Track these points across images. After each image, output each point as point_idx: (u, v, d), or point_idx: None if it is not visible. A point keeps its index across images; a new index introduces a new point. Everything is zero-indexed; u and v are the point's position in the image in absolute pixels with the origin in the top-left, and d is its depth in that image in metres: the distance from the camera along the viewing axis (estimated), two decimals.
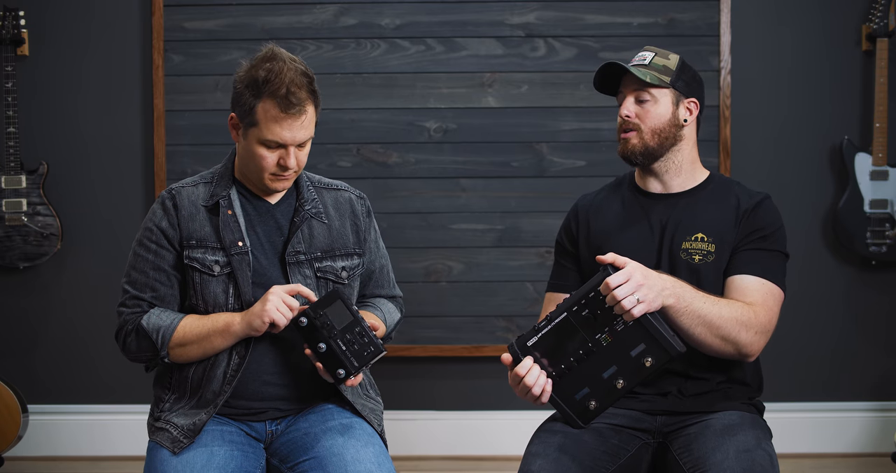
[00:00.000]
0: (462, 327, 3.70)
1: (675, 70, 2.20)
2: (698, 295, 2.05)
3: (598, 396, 2.03)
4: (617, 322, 1.98)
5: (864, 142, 3.67)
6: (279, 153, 2.07)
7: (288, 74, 2.02)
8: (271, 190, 2.15)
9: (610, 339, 1.99)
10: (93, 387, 3.76)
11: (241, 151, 2.15)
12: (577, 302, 2.01)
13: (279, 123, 2.04)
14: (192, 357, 2.12)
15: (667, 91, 2.20)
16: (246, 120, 2.07)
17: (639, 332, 1.98)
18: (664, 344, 1.97)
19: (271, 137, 2.05)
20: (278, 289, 2.06)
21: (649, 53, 2.22)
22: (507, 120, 3.68)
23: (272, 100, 2.02)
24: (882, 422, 3.72)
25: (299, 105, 2.03)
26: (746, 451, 1.96)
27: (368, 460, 2.03)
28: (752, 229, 2.17)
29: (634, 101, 2.20)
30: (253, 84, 2.04)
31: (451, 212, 3.70)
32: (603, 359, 2.00)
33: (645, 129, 2.19)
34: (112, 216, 3.74)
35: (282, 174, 2.10)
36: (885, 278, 3.73)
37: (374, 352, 2.06)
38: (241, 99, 2.07)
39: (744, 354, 2.09)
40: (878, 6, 3.60)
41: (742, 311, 2.07)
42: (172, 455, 2.05)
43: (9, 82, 3.57)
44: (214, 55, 3.65)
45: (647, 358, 1.98)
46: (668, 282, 2.02)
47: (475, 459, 3.73)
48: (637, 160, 2.21)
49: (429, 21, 3.67)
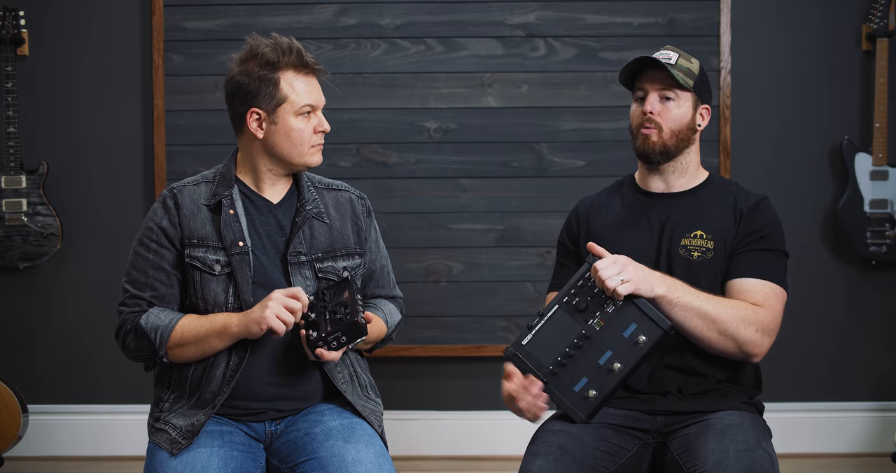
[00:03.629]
0: (462, 327, 3.70)
1: (697, 75, 2.22)
2: (693, 290, 2.08)
3: (597, 384, 2.05)
4: (606, 304, 2.02)
5: (864, 142, 3.67)
6: (312, 121, 2.13)
7: (290, 43, 2.11)
8: (312, 165, 2.17)
9: (602, 323, 2.03)
10: (93, 387, 3.76)
11: (272, 142, 2.13)
12: (566, 292, 2.06)
13: (307, 86, 2.12)
14: (191, 357, 2.12)
15: (689, 94, 2.21)
16: (273, 101, 2.10)
17: (629, 312, 2.02)
18: (655, 318, 2.01)
19: (306, 101, 2.11)
20: (279, 295, 2.04)
21: (674, 53, 2.21)
22: (507, 120, 3.68)
23: (291, 69, 2.10)
24: (882, 422, 3.72)
25: (316, 67, 2.14)
26: (746, 451, 1.97)
27: (369, 461, 2.03)
28: (751, 230, 2.18)
29: (658, 100, 2.20)
30: (266, 62, 2.09)
31: (451, 212, 3.70)
32: (598, 345, 2.04)
33: (665, 129, 2.20)
34: (112, 216, 3.74)
35: (320, 143, 2.16)
36: (885, 278, 3.73)
37: (350, 324, 2.02)
38: (258, 87, 2.09)
39: (746, 352, 2.10)
40: (878, 6, 3.60)
41: (742, 309, 2.09)
42: (171, 456, 2.05)
43: (9, 82, 3.57)
44: (214, 55, 3.65)
45: (640, 335, 2.02)
46: (658, 274, 2.06)
47: (476, 459, 3.73)
48: (655, 158, 2.21)
49: (429, 21, 3.67)
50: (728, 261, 2.18)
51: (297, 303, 2.03)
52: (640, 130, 2.21)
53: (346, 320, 2.03)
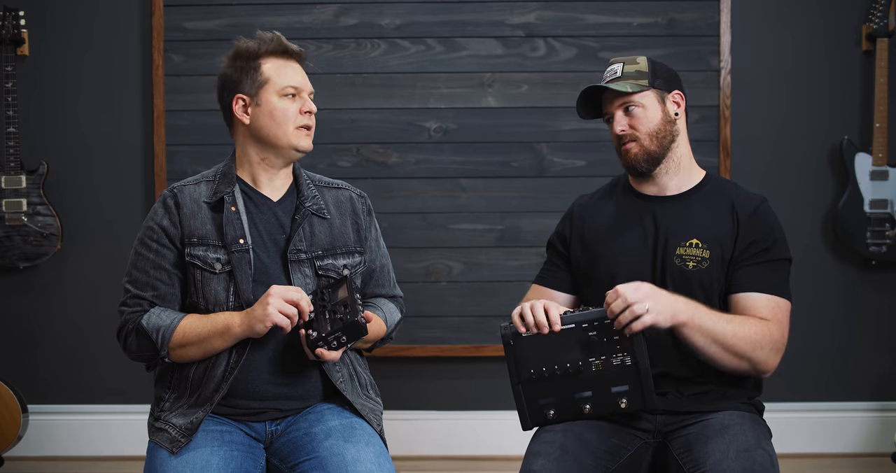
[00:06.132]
0: (462, 327, 3.70)
1: (647, 71, 2.21)
2: (712, 313, 2.06)
3: (560, 410, 2.05)
4: (615, 355, 1.99)
5: (864, 142, 3.67)
6: (298, 102, 2.16)
7: (275, 35, 2.17)
8: (300, 148, 2.17)
9: (601, 368, 2.01)
10: (93, 387, 3.76)
11: (257, 125, 2.16)
12: (589, 320, 2.02)
13: (289, 69, 2.17)
14: (193, 357, 2.12)
15: (649, 92, 2.20)
16: (255, 85, 2.14)
17: (629, 374, 2.00)
18: (647, 394, 2.00)
19: (287, 82, 2.15)
20: (278, 290, 2.04)
21: (617, 65, 2.23)
22: (507, 120, 3.68)
23: (272, 55, 2.17)
24: (882, 422, 3.72)
25: (297, 51, 2.18)
26: (746, 451, 1.97)
27: (369, 460, 2.03)
28: (751, 240, 2.16)
29: (623, 114, 2.21)
30: (247, 53, 2.16)
31: (451, 212, 3.70)
32: (583, 382, 2.02)
33: (642, 136, 2.19)
34: (112, 216, 3.74)
35: (307, 124, 2.17)
36: (885, 278, 3.73)
37: (351, 323, 2.01)
38: (240, 75, 2.15)
39: (759, 371, 2.12)
40: (878, 6, 3.60)
41: (756, 329, 2.08)
42: (172, 456, 2.05)
43: (9, 82, 3.57)
44: (214, 55, 3.65)
45: (624, 399, 2.01)
46: (681, 303, 2.03)
47: (475, 459, 3.73)
48: (642, 168, 2.20)
49: (429, 21, 3.67)
50: (724, 270, 2.16)
51: (297, 294, 2.04)
52: (621, 148, 2.23)
53: (346, 319, 2.02)
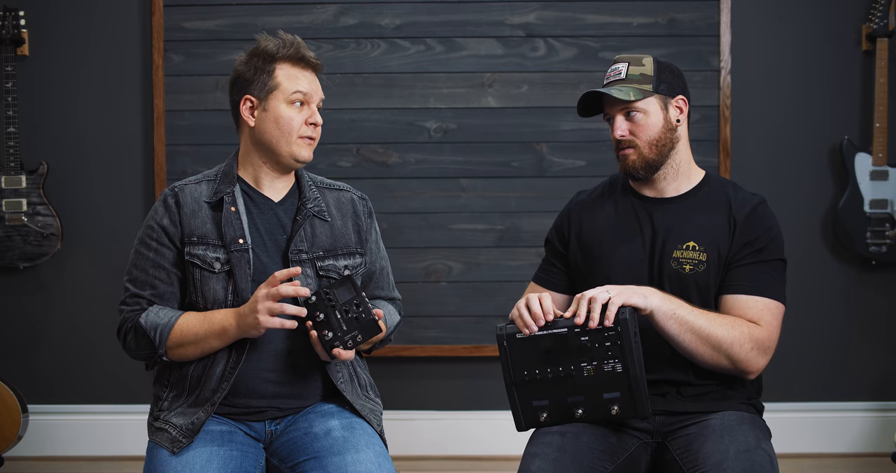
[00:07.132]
0: (462, 327, 3.70)
1: (653, 75, 2.15)
2: (688, 306, 2.05)
3: (553, 413, 2.04)
4: (607, 362, 1.98)
5: (864, 142, 3.67)
6: (305, 112, 2.15)
7: (295, 40, 2.17)
8: (299, 159, 2.16)
9: (592, 374, 1.99)
10: (93, 387, 3.76)
11: (261, 130, 2.15)
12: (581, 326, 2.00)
13: (302, 78, 2.16)
14: (190, 356, 2.12)
15: (652, 99, 2.15)
16: (266, 88, 2.14)
17: (620, 381, 1.98)
18: (638, 402, 1.98)
19: (297, 88, 2.14)
20: (262, 292, 2.01)
21: (622, 65, 2.17)
22: (507, 120, 3.68)
23: (288, 61, 2.15)
24: (882, 422, 3.72)
25: (314, 63, 2.18)
26: (746, 451, 1.96)
27: (368, 460, 2.03)
28: (747, 240, 2.13)
29: (624, 118, 2.16)
30: (265, 54, 2.15)
31: (451, 212, 3.70)
32: (576, 387, 2.01)
33: (641, 144, 2.16)
34: (112, 216, 3.74)
35: (311, 135, 2.16)
36: (885, 278, 3.73)
37: (368, 322, 2.03)
38: (253, 75, 2.14)
39: (741, 370, 2.08)
40: (878, 6, 3.60)
41: (738, 326, 2.06)
42: (172, 456, 2.05)
43: (9, 82, 3.57)
44: (214, 55, 3.66)
45: (616, 406, 2.00)
46: (650, 288, 2.04)
47: (475, 459, 3.73)
48: (639, 174, 2.18)
49: (429, 21, 3.67)
50: (722, 273, 2.14)
51: (289, 288, 1.99)
52: (619, 153, 2.19)
53: (362, 318, 2.03)
